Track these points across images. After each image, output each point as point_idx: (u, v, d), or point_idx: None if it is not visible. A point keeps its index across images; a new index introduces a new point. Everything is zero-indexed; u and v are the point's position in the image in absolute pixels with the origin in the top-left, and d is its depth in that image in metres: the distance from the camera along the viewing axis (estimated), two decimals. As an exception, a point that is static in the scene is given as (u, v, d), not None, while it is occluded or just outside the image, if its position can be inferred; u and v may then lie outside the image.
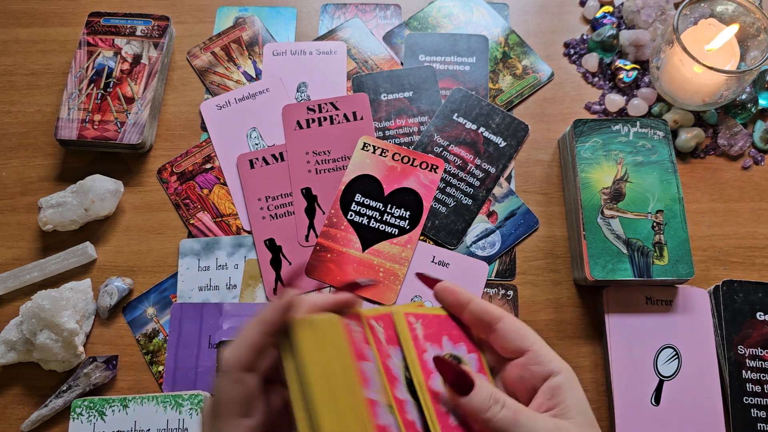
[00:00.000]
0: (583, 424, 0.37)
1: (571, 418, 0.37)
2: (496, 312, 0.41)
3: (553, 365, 0.39)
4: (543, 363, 0.39)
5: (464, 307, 0.41)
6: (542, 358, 0.39)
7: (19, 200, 0.67)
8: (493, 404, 0.36)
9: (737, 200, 0.66)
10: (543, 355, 0.39)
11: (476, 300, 0.41)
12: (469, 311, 0.41)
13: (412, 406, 0.35)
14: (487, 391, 0.36)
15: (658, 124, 0.64)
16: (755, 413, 0.56)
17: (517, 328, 0.40)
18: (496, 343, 0.41)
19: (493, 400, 0.36)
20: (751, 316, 0.58)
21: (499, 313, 0.41)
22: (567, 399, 0.37)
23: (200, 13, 0.76)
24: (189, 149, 0.69)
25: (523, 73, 0.72)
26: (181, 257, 0.63)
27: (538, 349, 0.39)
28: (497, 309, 0.41)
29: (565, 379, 0.38)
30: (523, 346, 0.40)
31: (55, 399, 0.58)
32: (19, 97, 0.72)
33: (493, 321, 0.40)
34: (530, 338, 0.40)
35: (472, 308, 0.41)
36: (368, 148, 0.66)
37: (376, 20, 0.75)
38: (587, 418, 0.37)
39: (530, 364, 0.39)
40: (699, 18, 0.66)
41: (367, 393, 0.34)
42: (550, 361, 0.39)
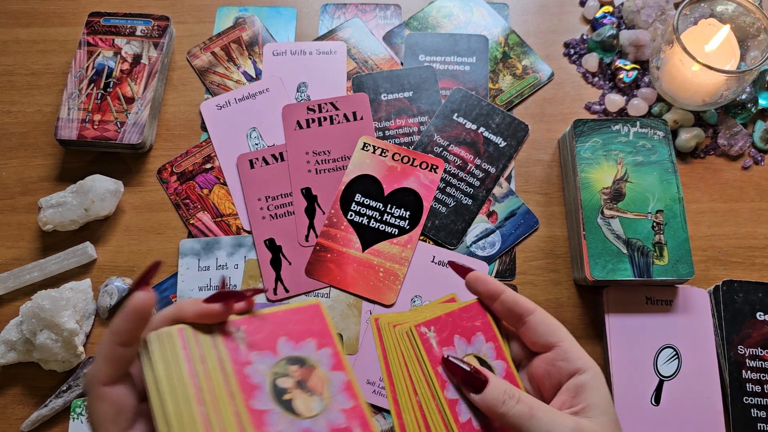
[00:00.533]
0: (605, 425, 0.36)
1: (594, 418, 0.36)
2: (527, 304, 0.40)
3: (580, 363, 0.38)
4: (570, 360, 0.39)
5: (495, 298, 0.41)
6: (570, 354, 0.39)
7: (19, 200, 0.67)
8: (507, 399, 0.36)
9: (737, 200, 0.66)
10: (571, 351, 0.39)
11: (508, 291, 0.41)
12: (500, 302, 0.41)
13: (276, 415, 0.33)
14: (501, 386, 0.36)
15: (658, 124, 0.64)
16: (755, 413, 0.56)
17: (547, 323, 0.40)
18: (526, 336, 0.41)
19: (507, 395, 0.36)
20: (751, 316, 0.58)
21: (530, 306, 0.40)
22: (591, 398, 0.37)
23: (200, 13, 0.76)
24: (189, 149, 0.69)
25: (523, 73, 0.72)
26: (181, 257, 0.63)
27: (567, 346, 0.39)
28: (529, 302, 0.41)
29: (591, 378, 0.38)
30: (553, 341, 0.39)
31: (55, 399, 0.58)
32: (19, 97, 0.72)
33: (524, 313, 0.40)
34: (560, 334, 0.40)
35: (504, 299, 0.41)
36: (368, 148, 0.66)
37: (376, 20, 0.75)
38: (610, 418, 0.37)
39: (558, 359, 0.39)
40: (699, 18, 0.66)
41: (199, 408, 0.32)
42: (578, 358, 0.39)
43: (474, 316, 0.41)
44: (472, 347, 0.40)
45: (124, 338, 0.33)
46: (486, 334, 0.41)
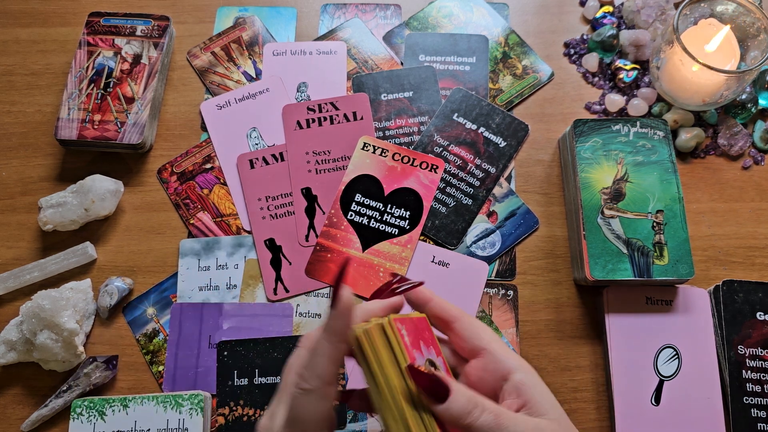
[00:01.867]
0: (559, 420, 0.37)
1: (545, 415, 0.36)
2: (453, 311, 0.41)
3: (510, 363, 0.38)
4: (500, 361, 0.39)
5: (424, 306, 0.41)
6: (499, 356, 0.39)
7: (19, 200, 0.67)
8: (472, 408, 0.35)
9: (737, 200, 0.66)
10: (499, 353, 0.39)
11: (436, 299, 0.41)
12: (428, 309, 0.41)
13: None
14: (465, 396, 0.35)
15: (658, 124, 0.64)
16: (755, 413, 0.56)
17: (473, 328, 0.40)
18: (455, 343, 0.41)
19: (472, 405, 0.35)
20: (751, 316, 0.58)
21: (456, 313, 0.41)
22: (534, 395, 0.37)
23: (200, 13, 0.76)
24: (189, 149, 0.69)
25: (523, 73, 0.72)
26: (181, 257, 0.63)
27: (495, 348, 0.39)
28: (455, 309, 0.41)
29: (525, 376, 0.38)
30: (479, 345, 0.39)
31: (55, 399, 0.58)
32: (19, 97, 0.72)
33: (450, 320, 0.41)
34: (485, 337, 0.40)
35: (431, 307, 0.41)
36: (368, 148, 0.66)
37: (376, 20, 0.75)
38: (559, 412, 0.37)
39: (488, 363, 0.39)
40: (699, 18, 0.66)
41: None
42: (506, 359, 0.39)
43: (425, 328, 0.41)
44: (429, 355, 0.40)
45: (343, 335, 0.35)
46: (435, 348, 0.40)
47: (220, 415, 0.58)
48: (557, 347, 0.61)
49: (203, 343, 0.60)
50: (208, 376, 0.59)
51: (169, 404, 0.56)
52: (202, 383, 0.59)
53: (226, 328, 0.61)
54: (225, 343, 0.60)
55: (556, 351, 0.60)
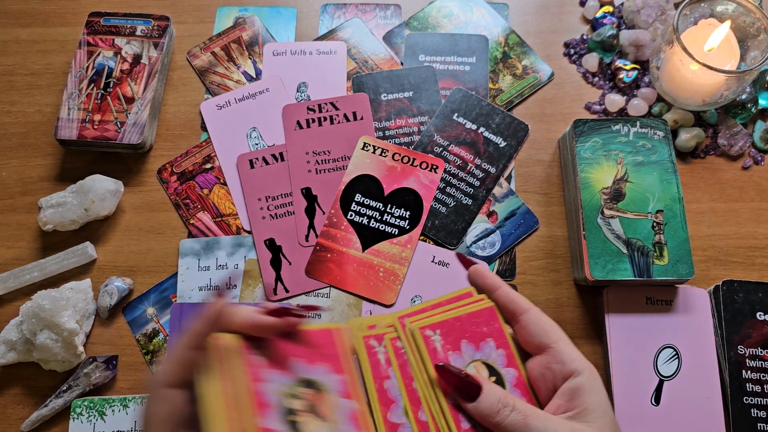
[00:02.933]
0: (603, 428, 0.36)
1: (590, 422, 0.36)
2: (522, 303, 0.40)
3: (575, 365, 0.37)
4: (565, 362, 0.37)
5: (492, 293, 0.41)
6: (564, 356, 0.38)
7: (19, 200, 0.67)
8: (501, 408, 0.35)
9: (737, 200, 0.66)
10: (566, 353, 0.38)
11: (504, 288, 0.40)
12: (495, 297, 0.40)
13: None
14: (495, 395, 0.35)
15: (658, 124, 0.64)
16: (755, 413, 0.56)
17: (541, 323, 0.39)
18: (520, 336, 0.40)
19: (501, 404, 0.35)
20: (751, 316, 0.58)
21: (525, 305, 0.39)
22: (587, 401, 0.36)
23: (200, 13, 0.76)
24: (189, 149, 0.69)
25: (523, 73, 0.72)
26: (181, 257, 0.63)
27: (561, 347, 0.38)
28: (524, 301, 0.40)
29: (586, 380, 0.37)
30: (546, 341, 0.38)
31: (55, 399, 0.58)
32: (19, 97, 0.72)
33: (517, 312, 0.39)
34: (553, 335, 0.39)
35: (498, 295, 0.40)
36: (368, 148, 0.66)
37: (376, 20, 0.75)
38: (608, 420, 0.36)
39: (552, 362, 0.38)
40: (699, 18, 0.66)
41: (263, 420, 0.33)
42: (572, 360, 0.37)
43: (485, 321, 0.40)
44: (481, 353, 0.39)
45: (200, 342, 0.33)
46: (497, 340, 0.39)
47: (220, 415, 0.58)
48: (557, 347, 0.61)
49: (203, 343, 0.60)
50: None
51: (169, 404, 0.56)
52: (202, 383, 0.59)
53: (226, 328, 0.61)
54: (225, 343, 0.60)
55: (556, 351, 0.60)
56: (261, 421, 0.33)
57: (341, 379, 0.37)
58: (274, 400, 0.34)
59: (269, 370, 0.35)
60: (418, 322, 0.39)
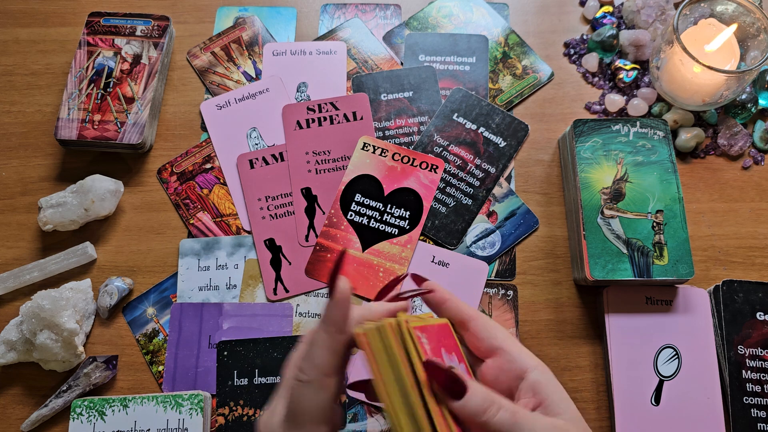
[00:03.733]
0: (574, 420, 0.37)
1: (561, 414, 0.37)
2: (469, 311, 0.41)
3: (525, 362, 0.39)
4: (515, 360, 0.39)
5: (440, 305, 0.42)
6: (514, 355, 0.39)
7: (19, 200, 0.67)
8: (489, 406, 0.35)
9: (737, 200, 0.66)
10: (515, 352, 0.39)
11: (452, 299, 0.41)
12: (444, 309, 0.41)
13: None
14: (482, 393, 0.35)
15: (658, 124, 0.64)
16: (755, 413, 0.56)
17: (488, 327, 0.40)
18: (471, 343, 0.41)
19: (488, 402, 0.35)
20: (751, 316, 0.58)
21: (472, 313, 0.41)
22: (550, 394, 0.37)
23: (200, 13, 0.76)
24: (189, 149, 0.69)
25: (523, 73, 0.72)
26: (181, 257, 0.63)
27: (510, 347, 0.39)
28: (471, 309, 0.41)
29: (541, 375, 0.38)
30: (495, 344, 0.40)
31: (55, 399, 0.58)
32: (19, 97, 0.72)
33: (466, 320, 0.41)
34: (500, 336, 0.40)
35: (447, 307, 0.41)
36: (368, 148, 0.66)
37: (376, 20, 0.75)
38: (574, 412, 0.37)
39: (503, 363, 0.39)
40: (699, 18, 0.66)
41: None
42: (522, 358, 0.39)
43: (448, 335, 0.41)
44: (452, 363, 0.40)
45: (341, 325, 0.35)
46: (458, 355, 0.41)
47: (220, 415, 0.58)
48: (557, 347, 0.61)
49: (203, 343, 0.60)
50: (208, 376, 0.59)
51: (169, 404, 0.56)
52: (202, 383, 0.59)
53: (226, 328, 0.61)
54: (225, 343, 0.60)
55: (556, 351, 0.60)
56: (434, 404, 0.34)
57: (464, 368, 0.39)
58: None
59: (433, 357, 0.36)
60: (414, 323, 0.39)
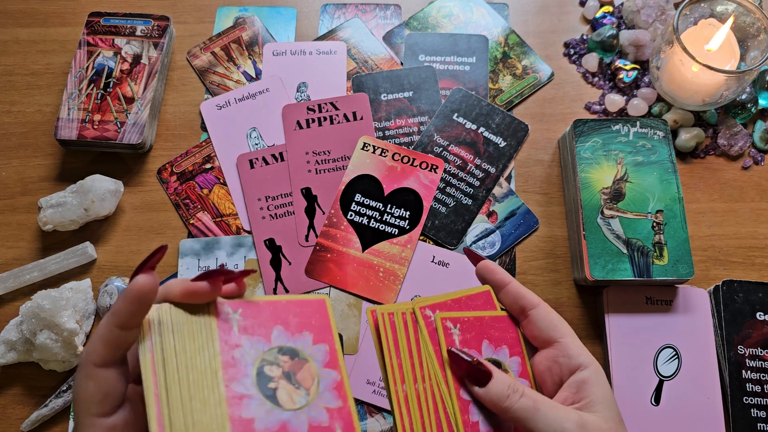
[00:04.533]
0: (609, 419, 0.37)
1: (597, 412, 0.37)
2: (531, 298, 0.41)
3: (581, 359, 0.39)
4: (571, 356, 0.39)
5: (501, 288, 0.42)
6: (571, 351, 0.39)
7: (19, 200, 0.67)
8: (511, 393, 0.36)
9: (737, 200, 0.66)
10: (572, 347, 0.39)
11: (514, 283, 0.41)
12: (505, 292, 0.41)
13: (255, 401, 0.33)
14: (505, 381, 0.36)
15: (658, 124, 0.64)
16: (755, 413, 0.56)
17: (549, 318, 0.40)
18: (528, 330, 0.41)
19: (511, 390, 0.36)
20: (751, 316, 0.58)
21: (534, 299, 0.41)
22: (593, 393, 0.37)
23: (200, 13, 0.76)
24: (189, 149, 0.69)
25: (523, 73, 0.72)
26: (181, 257, 0.63)
27: (568, 342, 0.39)
28: (533, 296, 0.41)
29: (592, 374, 0.38)
30: (554, 336, 0.40)
31: (55, 399, 0.58)
32: (19, 97, 0.72)
33: (527, 306, 0.41)
34: (561, 329, 0.40)
35: (509, 290, 0.41)
36: (368, 148, 0.66)
37: (376, 20, 0.75)
38: (613, 413, 0.37)
39: (559, 356, 0.39)
40: (699, 18, 0.66)
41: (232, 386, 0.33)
42: (578, 354, 0.39)
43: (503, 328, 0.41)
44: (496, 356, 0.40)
45: (124, 321, 0.32)
46: (512, 348, 0.41)
47: (220, 415, 0.58)
48: (557, 347, 0.61)
49: (203, 343, 0.60)
50: (208, 376, 0.59)
51: (169, 404, 0.56)
52: (202, 383, 0.59)
53: (226, 328, 0.61)
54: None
55: (556, 351, 0.60)
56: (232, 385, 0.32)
57: (325, 349, 0.37)
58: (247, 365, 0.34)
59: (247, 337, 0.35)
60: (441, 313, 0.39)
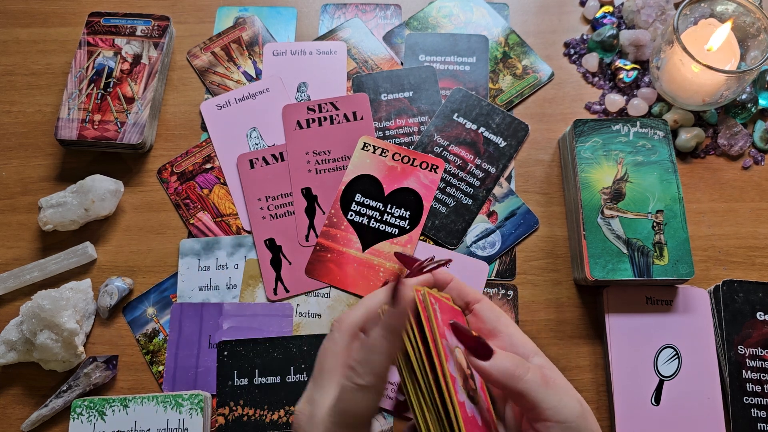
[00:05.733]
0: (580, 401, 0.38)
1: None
2: (473, 294, 0.43)
3: (528, 347, 0.40)
4: (518, 345, 0.40)
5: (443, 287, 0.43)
6: (517, 340, 0.40)
7: (19, 200, 0.67)
8: (518, 366, 0.36)
9: (737, 200, 0.66)
10: (518, 337, 0.40)
11: (455, 281, 0.43)
12: (448, 290, 0.43)
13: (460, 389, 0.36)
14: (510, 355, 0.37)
15: (658, 124, 0.64)
16: (755, 413, 0.56)
17: (492, 311, 0.42)
18: (473, 325, 0.42)
19: (518, 361, 0.37)
20: (751, 316, 0.58)
21: (476, 295, 0.43)
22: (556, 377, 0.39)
23: (200, 13, 0.76)
24: (189, 149, 0.69)
25: (523, 73, 0.72)
26: (181, 257, 0.63)
27: (513, 332, 0.41)
28: (476, 292, 0.43)
29: (544, 360, 0.40)
30: (498, 327, 0.41)
31: (55, 399, 0.58)
32: (19, 97, 0.72)
33: (470, 302, 0.42)
34: (504, 320, 0.41)
35: (451, 287, 0.43)
36: (368, 148, 0.66)
37: (376, 20, 0.75)
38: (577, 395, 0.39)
39: (505, 346, 0.40)
40: (699, 18, 0.66)
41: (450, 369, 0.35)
42: (524, 344, 0.40)
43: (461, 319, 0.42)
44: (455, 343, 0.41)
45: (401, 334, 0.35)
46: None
47: (220, 415, 0.58)
48: (557, 347, 0.61)
49: (203, 343, 0.60)
50: (208, 376, 0.59)
51: (169, 404, 0.56)
52: (202, 383, 0.59)
53: (226, 328, 0.61)
54: (225, 343, 0.60)
55: (556, 351, 0.60)
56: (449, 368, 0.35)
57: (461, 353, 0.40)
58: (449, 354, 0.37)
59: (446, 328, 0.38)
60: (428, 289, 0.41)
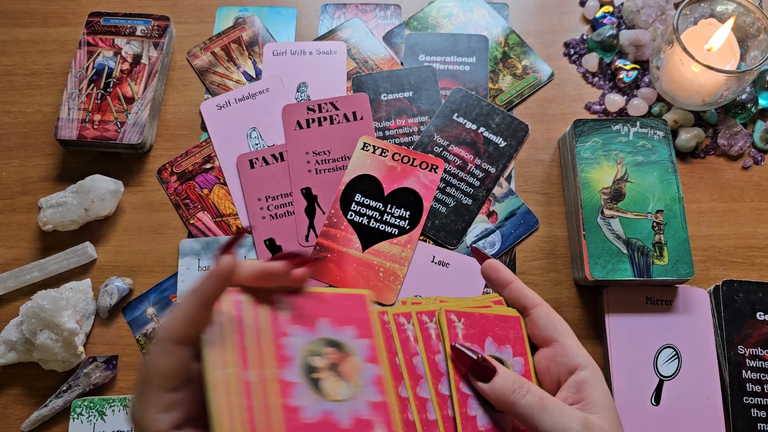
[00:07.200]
0: (610, 421, 0.37)
1: (598, 413, 0.37)
2: (533, 297, 0.41)
3: (579, 359, 0.39)
4: (570, 356, 0.39)
5: (505, 286, 0.42)
6: (570, 350, 0.39)
7: (19, 200, 0.67)
8: (518, 388, 0.36)
9: (737, 200, 0.66)
10: (571, 348, 0.39)
11: (517, 282, 0.42)
12: (508, 291, 0.42)
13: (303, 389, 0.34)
14: (510, 377, 0.36)
15: (658, 124, 0.64)
16: (755, 413, 0.56)
17: (550, 318, 0.41)
18: (528, 329, 0.41)
19: (517, 385, 0.36)
20: (751, 316, 0.58)
21: (536, 299, 0.41)
22: (593, 394, 0.38)
23: (200, 13, 0.76)
24: (189, 149, 0.69)
25: (523, 73, 0.72)
26: (181, 257, 0.63)
27: (568, 342, 0.40)
28: (535, 296, 0.41)
29: (591, 374, 0.38)
30: (554, 336, 0.40)
31: (55, 399, 0.58)
32: (19, 97, 0.72)
33: (528, 306, 0.41)
34: (561, 329, 0.40)
35: (512, 288, 0.42)
36: (368, 148, 0.66)
37: (376, 20, 0.75)
38: (613, 414, 0.38)
39: (558, 355, 0.39)
40: (699, 18, 0.66)
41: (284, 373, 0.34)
42: (577, 354, 0.39)
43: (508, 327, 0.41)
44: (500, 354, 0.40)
45: (206, 299, 0.33)
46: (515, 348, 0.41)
47: (220, 415, 0.58)
48: (557, 347, 0.61)
49: (203, 343, 0.60)
50: (208, 376, 0.59)
51: (169, 404, 0.56)
52: (202, 383, 0.59)
53: (226, 328, 0.61)
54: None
55: (556, 351, 0.60)
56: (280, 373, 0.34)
57: (367, 344, 0.38)
58: (296, 355, 0.35)
59: (294, 326, 0.36)
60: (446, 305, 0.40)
